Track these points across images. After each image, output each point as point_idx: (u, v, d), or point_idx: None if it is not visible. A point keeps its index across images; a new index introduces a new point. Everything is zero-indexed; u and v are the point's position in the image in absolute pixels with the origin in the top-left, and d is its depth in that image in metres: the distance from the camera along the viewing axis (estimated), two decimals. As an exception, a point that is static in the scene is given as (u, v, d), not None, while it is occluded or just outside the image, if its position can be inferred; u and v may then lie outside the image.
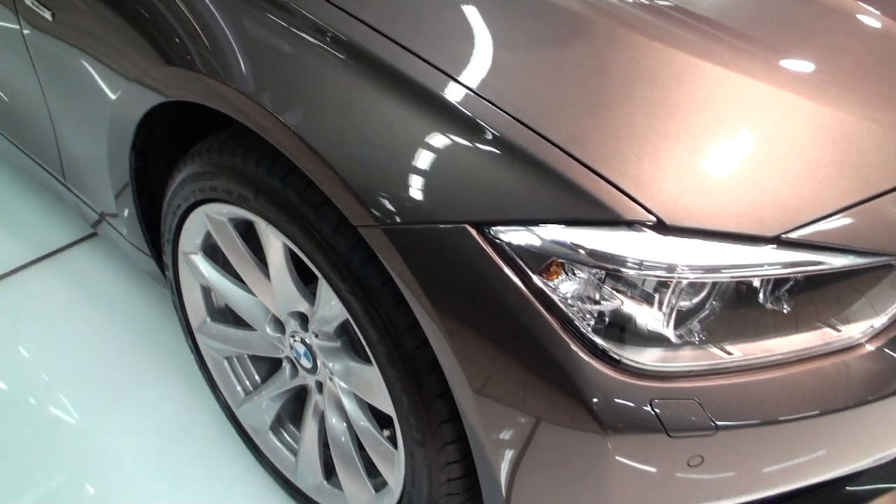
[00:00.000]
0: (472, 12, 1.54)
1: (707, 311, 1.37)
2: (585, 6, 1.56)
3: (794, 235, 1.28)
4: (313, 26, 1.49)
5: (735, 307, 1.39)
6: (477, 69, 1.42)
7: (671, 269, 1.26)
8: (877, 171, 1.36)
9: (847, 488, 1.69)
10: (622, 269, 1.27)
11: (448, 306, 1.35)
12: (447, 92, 1.38)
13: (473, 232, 1.30)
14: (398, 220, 1.35)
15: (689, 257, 1.26)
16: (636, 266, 1.26)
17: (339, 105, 1.44)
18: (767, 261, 1.28)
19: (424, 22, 1.51)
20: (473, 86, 1.39)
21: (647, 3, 1.58)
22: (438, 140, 1.36)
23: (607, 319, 1.35)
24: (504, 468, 1.44)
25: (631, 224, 1.26)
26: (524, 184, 1.30)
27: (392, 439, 1.65)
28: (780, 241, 1.28)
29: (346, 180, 1.38)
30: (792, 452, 1.41)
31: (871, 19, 1.65)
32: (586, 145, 1.31)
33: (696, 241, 1.27)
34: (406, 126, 1.38)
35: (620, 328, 1.35)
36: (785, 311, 1.39)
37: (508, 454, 1.42)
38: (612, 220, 1.26)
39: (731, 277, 1.29)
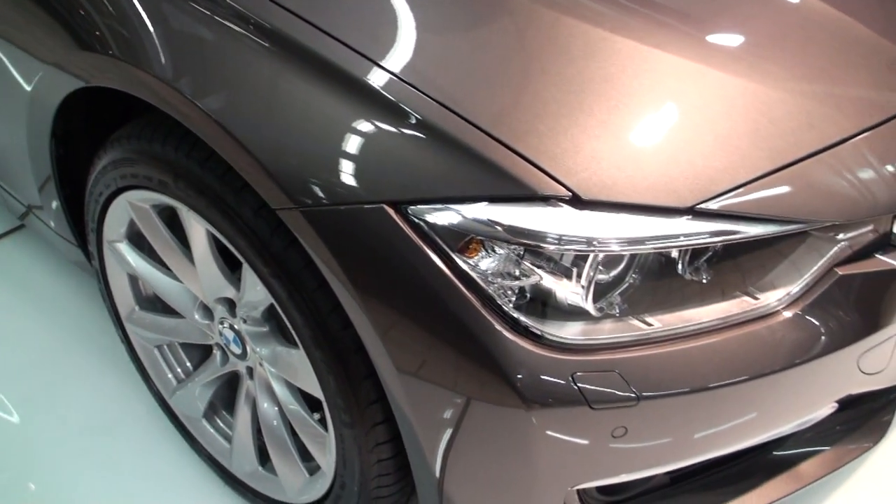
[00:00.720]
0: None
1: (627, 284, 1.39)
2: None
3: (708, 206, 1.30)
4: (235, 13, 1.47)
5: (655, 279, 1.41)
6: (394, 51, 1.41)
7: (588, 242, 1.27)
8: (789, 140, 1.37)
9: (774, 453, 1.72)
10: (539, 245, 1.28)
11: (369, 287, 1.35)
12: (363, 73, 1.37)
13: (391, 212, 1.30)
14: (317, 202, 1.34)
15: (606, 231, 1.27)
16: (553, 241, 1.27)
17: (258, 90, 1.43)
18: (683, 232, 1.29)
19: (345, 7, 1.50)
20: (391, 67, 1.38)
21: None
22: (355, 122, 1.35)
23: (528, 295, 1.35)
24: (432, 446, 1.44)
25: (547, 199, 1.27)
26: (440, 163, 1.30)
27: (323, 422, 1.65)
28: (694, 212, 1.29)
29: (265, 164, 1.37)
30: (715, 420, 1.43)
31: (808, 5, 1.65)
32: (502, 123, 1.32)
33: (611, 214, 1.28)
34: (323, 109, 1.38)
35: (542, 303, 1.36)
36: (704, 280, 1.41)
37: (436, 432, 1.42)
38: (529, 196, 1.27)
39: (648, 249, 1.30)
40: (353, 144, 1.34)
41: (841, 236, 1.43)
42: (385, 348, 1.36)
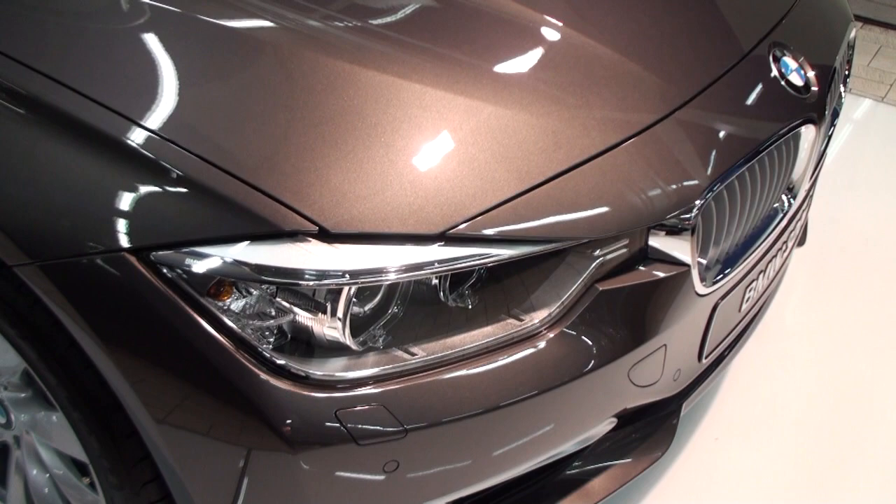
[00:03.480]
0: (148, 49, 1.48)
1: (389, 315, 1.37)
2: (245, 27, 1.53)
3: (459, 231, 1.29)
4: None
5: (420, 308, 1.40)
6: (139, 101, 1.35)
7: (338, 276, 1.24)
8: (537, 161, 1.38)
9: (567, 473, 1.73)
10: (289, 281, 1.24)
11: (119, 339, 1.29)
12: (99, 123, 1.31)
13: (133, 259, 1.25)
14: (54, 255, 1.27)
15: (356, 262, 1.25)
16: (304, 277, 1.23)
17: None
18: (436, 258, 1.28)
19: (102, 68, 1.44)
20: (132, 116, 1.32)
21: (315, 22, 1.56)
22: (91, 170, 1.29)
23: (289, 335, 1.32)
24: (205, 498, 1.38)
25: (294, 235, 1.24)
26: (182, 207, 1.26)
27: (93, 486, 1.56)
28: (446, 238, 1.28)
29: None
30: (490, 445, 1.43)
31: (550, 29, 1.66)
32: (244, 163, 1.28)
33: (361, 246, 1.26)
34: (60, 162, 1.31)
35: (305, 342, 1.33)
36: (469, 306, 1.41)
37: (207, 485, 1.37)
38: (274, 233, 1.24)
39: (401, 278, 1.28)
40: (89, 195, 1.28)
41: (598, 252, 1.45)
42: (141, 402, 1.30)
